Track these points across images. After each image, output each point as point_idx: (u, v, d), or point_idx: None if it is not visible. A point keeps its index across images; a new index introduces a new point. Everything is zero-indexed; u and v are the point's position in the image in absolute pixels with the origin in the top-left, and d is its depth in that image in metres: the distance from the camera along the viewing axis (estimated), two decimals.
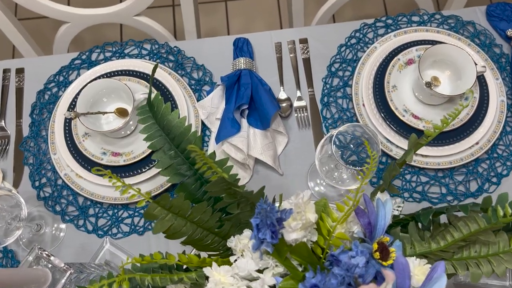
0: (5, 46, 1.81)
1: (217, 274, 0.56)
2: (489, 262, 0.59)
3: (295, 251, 0.58)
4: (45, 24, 1.80)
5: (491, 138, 1.00)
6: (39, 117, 1.06)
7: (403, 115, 0.99)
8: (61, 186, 1.01)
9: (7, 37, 1.23)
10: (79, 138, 0.99)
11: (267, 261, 0.58)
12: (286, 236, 0.56)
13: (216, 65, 1.08)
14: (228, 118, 0.98)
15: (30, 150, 1.03)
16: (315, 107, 1.06)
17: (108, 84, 0.96)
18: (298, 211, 0.55)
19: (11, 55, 1.85)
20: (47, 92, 1.08)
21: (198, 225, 0.59)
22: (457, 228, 0.59)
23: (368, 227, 0.58)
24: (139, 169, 0.98)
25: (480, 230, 0.57)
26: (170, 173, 0.61)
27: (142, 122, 0.62)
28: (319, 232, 0.60)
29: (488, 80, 1.03)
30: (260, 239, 0.54)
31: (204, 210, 0.58)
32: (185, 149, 0.61)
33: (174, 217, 0.57)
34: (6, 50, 1.84)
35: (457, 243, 0.60)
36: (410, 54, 1.03)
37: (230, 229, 0.62)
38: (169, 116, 0.62)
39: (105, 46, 1.10)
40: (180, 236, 0.59)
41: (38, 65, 1.11)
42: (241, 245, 0.60)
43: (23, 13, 1.53)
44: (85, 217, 0.99)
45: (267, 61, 1.09)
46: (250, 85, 1.00)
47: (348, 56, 1.09)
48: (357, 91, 1.04)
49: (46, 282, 0.67)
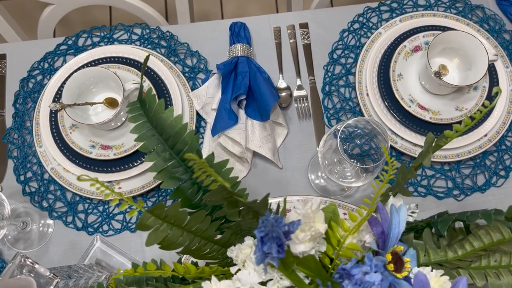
0: None
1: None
2: (510, 273, 0.54)
3: (302, 263, 0.53)
4: (29, 5, 1.70)
5: (500, 129, 0.95)
6: (23, 107, 0.99)
7: (409, 106, 0.94)
8: (48, 180, 0.95)
9: None
10: (66, 130, 0.92)
11: (271, 274, 0.53)
12: (293, 248, 0.51)
13: (212, 51, 1.02)
14: (224, 109, 0.92)
15: (14, 143, 0.97)
16: (316, 96, 1.00)
17: (96, 72, 0.89)
18: (307, 221, 0.50)
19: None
20: (31, 80, 1.01)
21: (195, 235, 0.54)
22: (477, 237, 0.54)
23: (381, 236, 0.53)
24: (130, 163, 0.92)
25: (504, 241, 0.52)
26: (164, 177, 0.56)
27: (132, 120, 0.56)
28: (327, 242, 0.55)
29: (498, 68, 0.97)
30: (265, 253, 0.49)
31: (202, 219, 0.52)
32: (180, 150, 0.56)
33: (170, 227, 0.51)
34: None
35: (476, 252, 0.55)
36: (416, 40, 0.97)
37: (231, 237, 0.57)
38: (163, 114, 0.56)
39: (93, 30, 1.03)
40: (176, 247, 0.53)
41: (21, 50, 1.03)
42: (242, 255, 0.55)
43: None
44: (74, 213, 0.94)
45: (265, 47, 1.03)
46: (247, 74, 0.94)
47: (351, 42, 1.03)
48: (360, 79, 0.98)
49: None
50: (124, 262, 0.91)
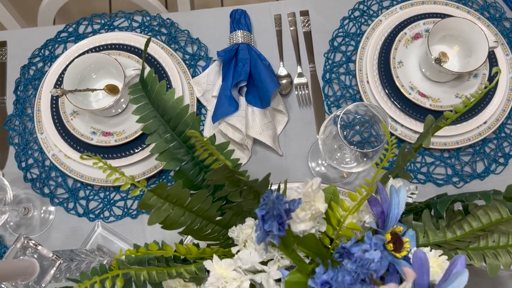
0: None
1: (218, 268, 0.52)
2: (508, 253, 0.55)
3: (302, 242, 0.53)
4: None
5: (499, 117, 0.96)
6: (24, 94, 0.99)
7: (409, 93, 0.94)
8: (49, 167, 0.96)
9: None
10: (67, 116, 0.93)
11: (272, 253, 0.54)
12: (293, 227, 0.52)
13: (212, 38, 1.02)
14: (225, 95, 0.92)
15: (15, 129, 0.98)
16: (316, 84, 1.00)
17: (96, 58, 0.90)
18: (307, 200, 0.51)
19: None
20: (32, 67, 1.01)
21: (197, 215, 0.55)
22: (475, 217, 0.55)
23: (381, 216, 0.54)
24: (132, 150, 0.93)
25: (502, 220, 0.53)
26: (166, 159, 0.56)
27: (134, 102, 0.57)
28: (328, 222, 0.55)
29: (498, 55, 0.98)
30: (266, 231, 0.50)
31: (204, 199, 0.53)
32: (182, 131, 0.56)
33: (171, 207, 0.52)
34: None
35: (474, 233, 0.56)
36: (417, 28, 0.98)
37: (232, 217, 0.57)
38: (164, 95, 0.56)
39: (93, 18, 1.03)
40: (178, 227, 0.54)
41: (22, 38, 1.03)
42: (243, 235, 0.56)
43: None
44: (75, 199, 0.95)
45: (266, 35, 1.03)
46: (248, 61, 0.94)
47: (352, 30, 1.04)
48: (361, 67, 0.99)
49: (34, 274, 0.62)
50: (125, 248, 0.92)
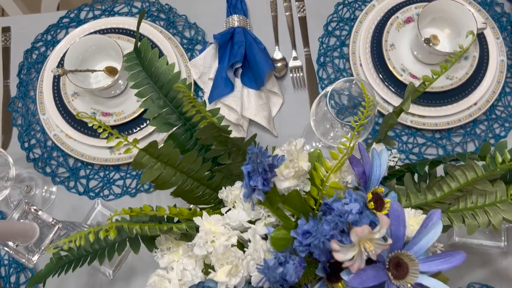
0: None
1: (207, 224, 0.55)
2: (485, 213, 0.58)
3: (287, 201, 0.56)
4: None
5: (489, 98, 0.99)
6: (27, 77, 1.03)
7: (400, 75, 0.97)
8: (51, 147, 1.00)
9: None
10: (68, 97, 0.97)
11: (259, 211, 0.57)
12: (278, 185, 0.55)
13: (209, 23, 1.06)
14: (221, 77, 0.96)
15: (18, 111, 1.02)
16: (311, 67, 1.04)
17: (97, 40, 0.93)
18: (291, 159, 0.54)
19: None
20: (34, 51, 1.05)
21: (188, 176, 0.58)
22: (454, 178, 0.58)
23: (362, 176, 0.57)
24: (130, 130, 0.97)
25: (478, 179, 0.56)
26: (159, 123, 0.60)
27: (128, 69, 0.60)
28: (312, 183, 0.59)
29: (488, 39, 1.00)
30: (252, 186, 0.53)
31: (194, 159, 0.56)
32: (174, 98, 0.60)
33: (163, 166, 0.56)
34: None
35: (453, 194, 0.59)
36: (409, 12, 1.01)
37: (221, 181, 0.61)
38: (157, 62, 0.60)
39: (94, 4, 1.07)
40: (169, 186, 0.57)
41: (25, 23, 1.08)
42: (232, 196, 0.59)
43: None
44: (76, 178, 0.98)
45: (261, 20, 1.06)
46: (244, 43, 0.97)
47: (346, 15, 1.07)
48: (354, 50, 1.02)
49: (34, 236, 0.65)
50: None
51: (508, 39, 1.04)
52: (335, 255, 0.46)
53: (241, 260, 0.53)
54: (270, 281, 0.49)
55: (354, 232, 0.44)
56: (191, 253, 0.58)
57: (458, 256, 0.51)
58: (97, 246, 0.62)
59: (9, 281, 0.93)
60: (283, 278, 0.49)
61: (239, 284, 0.53)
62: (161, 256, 0.59)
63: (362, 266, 0.47)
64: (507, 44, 1.03)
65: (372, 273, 0.48)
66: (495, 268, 0.93)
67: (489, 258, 0.94)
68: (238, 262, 0.52)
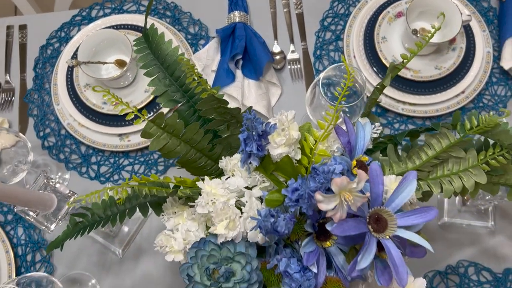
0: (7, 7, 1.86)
1: (209, 187, 0.62)
2: (460, 178, 0.65)
3: (280, 167, 0.63)
4: None
5: (476, 87, 1.05)
6: (42, 70, 1.11)
7: None
8: (64, 135, 1.07)
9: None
10: (81, 88, 1.05)
11: (254, 176, 0.64)
12: (271, 151, 0.62)
13: (212, 20, 1.13)
14: (223, 69, 1.03)
15: (34, 102, 1.09)
16: (308, 59, 1.11)
17: (108, 35, 1.01)
18: (282, 128, 0.61)
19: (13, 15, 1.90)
20: (49, 47, 1.13)
21: (191, 146, 0.65)
22: (431, 146, 0.65)
23: (347, 145, 0.64)
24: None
25: (451, 145, 0.62)
26: (165, 100, 0.67)
27: (138, 52, 0.68)
28: (303, 153, 0.65)
29: (475, 31, 1.07)
30: (248, 152, 0.60)
31: (196, 130, 0.64)
32: (178, 77, 0.67)
33: (169, 137, 0.63)
34: (8, 11, 1.90)
35: (431, 162, 0.66)
36: (399, 7, 1.08)
37: (221, 152, 0.68)
38: (163, 45, 0.67)
39: (105, 3, 1.16)
40: (174, 155, 0.65)
41: (40, 21, 1.16)
42: (231, 165, 0.66)
43: None
44: (88, 164, 1.06)
45: (261, 16, 1.14)
46: (244, 37, 1.05)
47: (341, 10, 1.14)
48: (348, 43, 1.09)
49: (52, 206, 0.73)
50: None
51: (495, 32, 1.11)
52: (319, 205, 0.53)
53: (238, 217, 0.60)
54: (262, 230, 0.56)
55: (334, 182, 0.51)
56: (194, 216, 0.65)
57: (431, 211, 0.58)
58: (109, 212, 0.69)
59: (26, 259, 1.01)
60: (274, 229, 0.56)
61: (237, 237, 0.60)
62: (168, 219, 0.66)
63: (343, 217, 0.54)
64: (493, 37, 1.10)
65: (353, 224, 0.55)
66: (482, 247, 0.99)
67: (477, 238, 1.00)
68: (236, 218, 0.59)
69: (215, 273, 0.59)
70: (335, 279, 0.61)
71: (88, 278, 0.99)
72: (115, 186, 0.60)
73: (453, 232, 1.01)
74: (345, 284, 0.61)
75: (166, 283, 0.99)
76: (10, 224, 1.02)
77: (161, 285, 0.99)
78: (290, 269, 0.59)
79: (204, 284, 0.59)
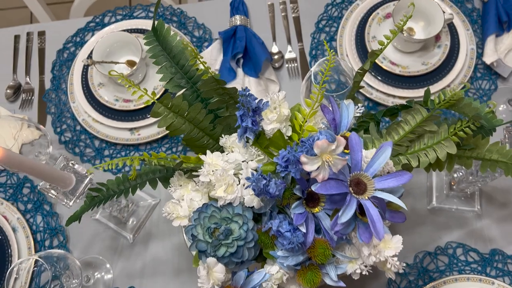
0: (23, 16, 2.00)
1: (210, 159, 0.71)
2: (434, 151, 0.73)
3: (273, 142, 0.72)
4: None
5: (462, 81, 1.14)
6: (59, 72, 1.22)
7: (381, 62, 1.14)
8: (79, 131, 1.17)
9: (27, 7, 1.42)
10: (95, 87, 1.15)
11: (251, 150, 0.73)
12: (265, 127, 0.71)
13: (215, 24, 1.24)
14: (225, 67, 1.13)
15: (52, 101, 1.20)
16: (304, 59, 1.20)
17: (120, 37, 1.12)
18: (274, 106, 0.70)
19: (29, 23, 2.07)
20: (65, 51, 1.24)
21: (194, 125, 0.74)
22: (407, 122, 0.74)
23: (333, 122, 0.73)
24: (147, 114, 1.14)
25: (424, 120, 0.71)
26: (171, 85, 0.76)
27: (148, 44, 0.78)
28: (293, 130, 0.74)
29: (459, 30, 1.17)
30: (244, 126, 0.69)
31: (199, 110, 0.73)
32: (183, 65, 0.77)
33: (175, 116, 0.72)
34: (24, 21, 2.05)
35: (408, 136, 0.74)
36: (388, 8, 1.18)
37: (222, 132, 0.77)
38: (169, 38, 0.77)
39: (117, 10, 1.27)
40: (180, 133, 0.74)
41: (57, 28, 1.27)
42: (230, 142, 0.75)
43: None
44: (101, 157, 1.15)
45: (260, 20, 1.24)
46: (244, 38, 1.15)
47: (334, 14, 1.24)
48: (341, 43, 1.19)
49: (71, 184, 0.82)
50: (143, 196, 1.12)
51: (478, 31, 1.20)
52: (304, 167, 0.61)
53: (236, 184, 0.69)
54: (255, 190, 0.64)
55: (316, 144, 0.60)
56: (198, 187, 0.74)
57: (405, 175, 0.66)
58: (122, 187, 0.79)
59: (44, 245, 1.10)
60: (266, 191, 0.64)
61: (234, 201, 0.68)
62: (174, 190, 0.75)
63: (326, 177, 0.62)
64: (478, 36, 1.19)
65: (335, 184, 0.64)
66: (470, 229, 1.07)
67: (464, 221, 1.07)
68: (233, 183, 0.68)
69: (216, 232, 0.67)
70: (322, 240, 0.69)
71: (102, 262, 1.08)
72: (129, 157, 0.69)
73: (442, 216, 1.08)
74: (332, 245, 0.70)
75: (174, 265, 1.07)
76: (30, 212, 1.12)
77: (169, 267, 1.07)
78: (281, 228, 0.67)
79: (206, 241, 0.67)
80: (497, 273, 1.03)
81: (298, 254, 0.69)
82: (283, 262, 0.69)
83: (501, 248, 1.04)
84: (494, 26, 1.16)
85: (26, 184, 1.14)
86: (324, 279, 0.71)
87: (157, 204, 1.11)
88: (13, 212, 1.10)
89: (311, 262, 0.71)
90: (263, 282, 0.69)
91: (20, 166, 0.70)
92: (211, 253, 0.67)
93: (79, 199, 0.84)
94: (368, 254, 0.67)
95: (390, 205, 0.72)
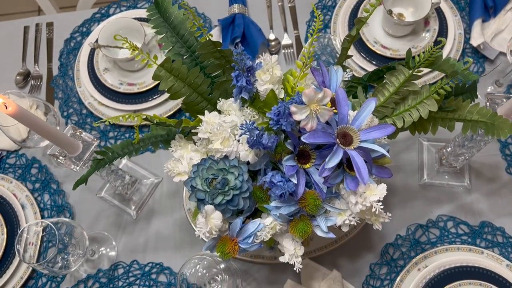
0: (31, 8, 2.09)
1: (208, 118, 0.76)
2: (417, 110, 0.78)
3: (267, 103, 0.78)
4: None
5: None
6: (66, 60, 1.29)
7: (373, 45, 1.20)
8: (85, 114, 1.23)
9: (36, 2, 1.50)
10: (100, 71, 1.22)
11: (246, 111, 0.79)
12: (259, 88, 0.77)
13: (214, 13, 1.31)
14: None
15: (59, 86, 1.26)
16: (300, 45, 1.27)
17: (125, 24, 1.19)
18: (267, 68, 0.76)
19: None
20: (72, 40, 1.31)
21: (193, 89, 0.80)
22: (391, 83, 0.79)
23: (322, 85, 0.79)
24: (150, 97, 1.20)
25: (406, 79, 0.77)
26: (172, 53, 0.83)
27: (150, 16, 0.84)
28: (285, 92, 0.80)
29: (447, 15, 1.23)
30: (239, 86, 0.75)
31: (197, 74, 0.79)
32: (183, 35, 0.83)
33: (175, 79, 0.78)
34: (32, 13, 2.15)
35: (393, 98, 0.80)
36: None
37: (219, 97, 0.82)
38: (170, 9, 0.83)
39: (121, 2, 1.34)
40: (179, 96, 0.80)
41: (65, 19, 1.35)
42: (227, 105, 0.81)
43: None
44: (106, 139, 1.21)
45: (258, 9, 1.31)
46: (242, 24, 1.22)
47: (328, 3, 1.31)
48: (335, 29, 1.25)
49: (78, 149, 0.88)
50: (146, 174, 1.17)
51: (466, 18, 1.26)
52: (294, 116, 0.67)
53: (232, 139, 0.74)
54: (249, 142, 0.70)
55: (304, 93, 0.66)
56: (197, 147, 0.80)
57: (389, 128, 0.71)
58: (126, 150, 0.84)
59: None
60: (260, 141, 0.70)
61: (231, 154, 0.74)
62: (175, 150, 0.81)
63: (314, 127, 0.68)
64: (465, 22, 1.25)
65: (323, 134, 0.69)
66: (460, 203, 1.11)
67: (455, 195, 1.12)
68: (229, 137, 0.73)
69: (213, 182, 0.72)
70: (312, 192, 0.75)
71: (107, 238, 1.13)
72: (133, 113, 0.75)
73: (433, 191, 1.13)
74: (322, 197, 0.75)
75: (175, 240, 1.12)
76: (37, 191, 1.17)
77: (170, 242, 1.12)
78: (274, 179, 0.72)
79: (205, 191, 0.72)
80: (487, 244, 1.07)
81: (290, 205, 0.74)
82: (276, 212, 0.74)
83: (490, 221, 1.09)
84: (480, 11, 1.22)
85: (34, 165, 1.20)
86: (315, 231, 0.76)
87: (159, 183, 1.16)
88: (22, 190, 1.16)
89: (303, 213, 0.76)
90: (258, 231, 0.74)
91: (30, 123, 0.76)
92: (209, 201, 0.72)
93: (85, 165, 0.90)
94: (355, 202, 0.72)
95: (377, 161, 0.78)
